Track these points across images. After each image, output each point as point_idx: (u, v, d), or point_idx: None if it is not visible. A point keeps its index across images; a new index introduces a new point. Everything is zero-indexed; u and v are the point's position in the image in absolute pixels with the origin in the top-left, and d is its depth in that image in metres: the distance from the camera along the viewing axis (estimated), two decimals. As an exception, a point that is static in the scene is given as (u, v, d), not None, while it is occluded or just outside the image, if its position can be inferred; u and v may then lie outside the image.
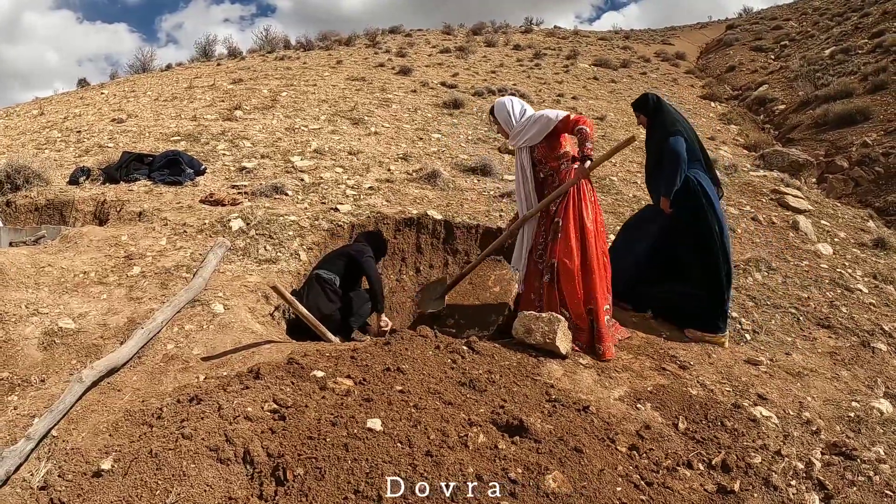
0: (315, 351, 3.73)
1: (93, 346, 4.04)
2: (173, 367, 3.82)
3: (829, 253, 7.06)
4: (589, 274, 4.31)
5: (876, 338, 5.10)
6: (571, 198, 4.39)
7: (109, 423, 3.23)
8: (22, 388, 3.60)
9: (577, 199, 4.39)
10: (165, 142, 9.18)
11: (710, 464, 3.25)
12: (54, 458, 2.95)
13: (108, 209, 6.73)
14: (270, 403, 2.85)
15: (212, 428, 2.68)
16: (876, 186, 10.67)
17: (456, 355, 3.69)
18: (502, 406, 3.12)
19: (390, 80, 15.72)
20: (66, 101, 15.21)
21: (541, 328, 4.04)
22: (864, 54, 17.76)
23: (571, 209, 4.37)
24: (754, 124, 16.15)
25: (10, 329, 4.03)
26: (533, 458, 2.71)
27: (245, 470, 2.51)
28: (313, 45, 24.00)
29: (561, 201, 4.40)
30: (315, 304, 4.82)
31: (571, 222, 4.34)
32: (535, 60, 22.52)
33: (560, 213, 4.37)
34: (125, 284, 4.89)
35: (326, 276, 5.05)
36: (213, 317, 4.46)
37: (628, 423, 3.47)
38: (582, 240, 4.32)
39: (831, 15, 25.93)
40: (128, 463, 2.66)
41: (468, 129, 11.16)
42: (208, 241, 5.75)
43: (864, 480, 3.34)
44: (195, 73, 17.84)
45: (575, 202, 4.38)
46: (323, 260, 5.35)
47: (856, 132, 12.50)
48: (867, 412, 4.03)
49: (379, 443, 2.60)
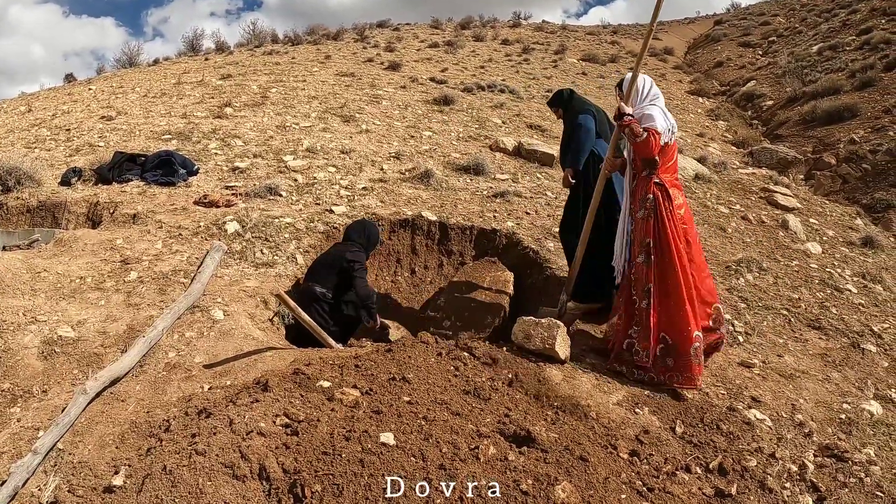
0: (318, 359, 3.75)
1: (94, 354, 4.01)
2: (176, 377, 3.82)
3: (819, 252, 7.16)
4: (673, 298, 4.06)
5: (865, 339, 5.19)
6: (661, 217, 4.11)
7: (115, 435, 3.23)
8: (24, 400, 3.58)
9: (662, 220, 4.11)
10: (157, 140, 9.13)
11: (708, 467, 3.31)
12: (61, 472, 2.95)
13: (102, 211, 6.68)
14: (282, 418, 2.88)
15: (225, 443, 2.70)
16: (863, 183, 10.77)
17: (458, 362, 3.73)
18: (507, 415, 3.18)
19: (380, 76, 15.70)
20: (54, 97, 15.06)
21: (540, 333, 4.08)
22: (851, 51, 17.91)
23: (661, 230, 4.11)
24: (742, 120, 16.28)
25: (8, 338, 4.00)
26: (542, 468, 2.77)
27: (262, 486, 2.53)
28: (301, 40, 23.93)
29: (652, 220, 4.12)
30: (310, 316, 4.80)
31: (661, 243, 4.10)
32: (524, 55, 22.60)
33: (650, 233, 4.11)
34: (123, 290, 4.87)
35: (320, 291, 5.06)
36: (214, 323, 4.47)
37: (628, 427, 3.53)
38: (668, 262, 4.07)
39: (819, 11, 26.13)
40: (141, 479, 2.66)
41: (459, 127, 11.18)
42: (204, 245, 5.75)
43: (855, 482, 3.42)
44: (183, 69, 17.71)
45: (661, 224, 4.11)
46: (314, 270, 5.31)
47: (843, 129, 12.62)
48: (858, 414, 4.12)
49: (394, 457, 2.64)
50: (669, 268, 4.04)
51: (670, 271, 4.03)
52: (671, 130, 4.17)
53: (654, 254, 4.07)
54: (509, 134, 10.80)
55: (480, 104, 13.23)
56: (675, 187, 4.19)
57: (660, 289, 4.06)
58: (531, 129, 11.62)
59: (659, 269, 4.06)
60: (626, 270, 4.39)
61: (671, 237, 4.05)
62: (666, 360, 4.03)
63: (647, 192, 4.12)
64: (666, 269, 4.05)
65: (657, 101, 4.27)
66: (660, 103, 4.27)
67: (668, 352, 4.03)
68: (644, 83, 4.34)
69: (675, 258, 4.02)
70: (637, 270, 4.19)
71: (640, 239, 4.16)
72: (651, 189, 4.11)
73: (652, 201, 4.09)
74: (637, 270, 4.19)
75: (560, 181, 8.35)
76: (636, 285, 4.21)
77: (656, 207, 4.08)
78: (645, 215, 4.12)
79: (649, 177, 4.14)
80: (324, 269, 5.20)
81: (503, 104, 13.39)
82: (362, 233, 5.43)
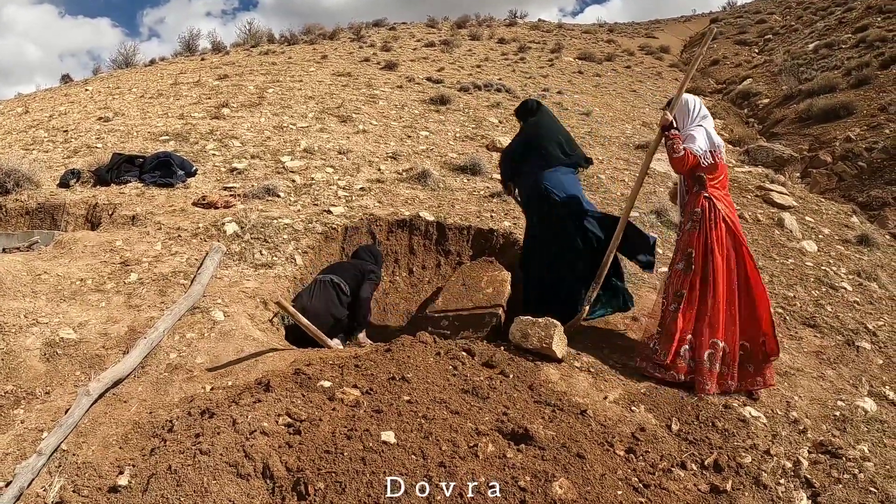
0: (318, 359, 3.80)
1: (95, 356, 4.04)
2: (178, 377, 3.86)
3: (814, 250, 7.20)
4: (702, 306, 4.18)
5: (860, 336, 5.24)
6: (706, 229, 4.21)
7: (119, 435, 3.26)
8: (27, 402, 3.60)
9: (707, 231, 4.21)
10: (154, 141, 9.16)
11: (703, 464, 3.36)
12: (66, 473, 2.98)
13: (101, 213, 6.72)
14: (284, 417, 2.92)
15: (229, 443, 2.74)
16: (859, 181, 10.82)
17: (457, 361, 3.78)
18: (506, 413, 3.22)
19: (376, 76, 15.75)
20: (51, 98, 15.08)
21: (537, 333, 4.13)
22: (847, 49, 17.97)
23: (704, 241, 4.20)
24: (738, 118, 16.33)
25: (10, 340, 4.02)
26: (539, 465, 2.81)
27: (265, 485, 2.57)
28: (298, 39, 23.98)
29: (696, 232, 4.22)
30: (325, 305, 5.14)
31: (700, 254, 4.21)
32: (520, 54, 22.65)
33: (692, 243, 4.23)
34: (123, 292, 4.90)
35: (338, 280, 5.34)
36: (214, 324, 4.50)
37: (624, 425, 3.57)
38: (706, 272, 4.17)
39: (815, 9, 26.21)
40: (146, 479, 2.70)
41: (455, 127, 11.22)
42: (203, 246, 5.78)
43: (849, 478, 3.46)
44: (180, 69, 17.74)
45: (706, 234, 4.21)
46: (332, 269, 5.61)
47: (839, 127, 12.66)
48: (852, 411, 4.16)
49: (394, 455, 2.69)
50: (706, 277, 4.16)
51: (706, 280, 4.16)
52: (713, 151, 4.24)
53: (694, 263, 4.18)
54: (506, 133, 10.83)
55: (477, 104, 13.28)
56: (723, 202, 4.28)
57: (691, 295, 4.18)
58: (528, 128, 11.62)
59: (695, 278, 4.18)
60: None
61: (714, 248, 4.16)
62: (689, 361, 4.16)
63: (696, 206, 4.24)
64: (702, 278, 4.17)
65: (705, 121, 4.36)
66: (707, 124, 4.36)
67: (693, 354, 4.16)
68: (694, 104, 4.43)
69: (713, 269, 4.14)
70: (673, 276, 4.34)
71: (683, 248, 4.28)
72: (700, 203, 4.23)
73: (699, 214, 4.21)
74: (673, 276, 4.34)
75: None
76: (668, 289, 4.35)
77: (702, 219, 4.20)
78: (691, 227, 4.25)
79: (699, 192, 4.25)
80: (341, 269, 5.55)
81: (500, 103, 13.44)
82: (371, 253, 5.87)
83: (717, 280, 4.13)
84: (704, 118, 4.39)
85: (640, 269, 5.32)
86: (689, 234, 4.25)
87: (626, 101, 16.20)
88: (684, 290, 4.19)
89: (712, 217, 4.19)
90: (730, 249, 4.20)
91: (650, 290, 5.61)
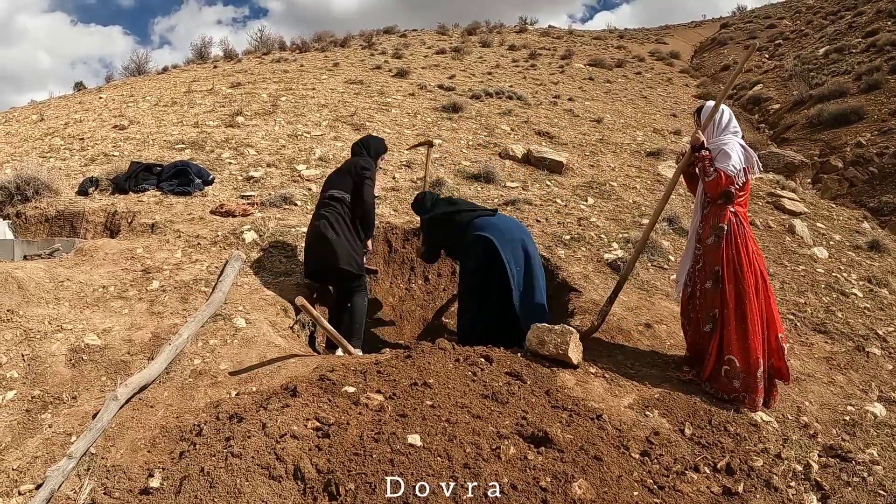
0: (341, 365, 3.90)
1: (121, 362, 4.09)
2: (203, 383, 3.94)
3: (825, 257, 7.27)
4: (741, 323, 4.16)
5: (870, 342, 5.31)
6: (736, 245, 4.19)
7: (147, 439, 3.33)
8: (55, 406, 3.65)
9: (736, 247, 4.19)
10: (170, 150, 9.29)
11: (716, 467, 3.45)
12: (95, 475, 3.05)
13: (120, 221, 6.82)
14: (313, 421, 3.03)
15: (260, 446, 2.84)
16: (870, 186, 10.88)
17: (475, 367, 3.88)
18: (525, 417, 3.32)
19: (388, 84, 15.85)
20: (65, 105, 15.19)
21: (553, 340, 4.22)
22: (857, 53, 18.01)
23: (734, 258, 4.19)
24: (749, 124, 16.38)
25: (36, 346, 4.08)
26: (559, 467, 2.92)
27: (297, 486, 2.68)
28: (309, 47, 24.10)
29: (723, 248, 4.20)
30: (330, 226, 5.28)
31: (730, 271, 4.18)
32: (531, 61, 22.74)
33: (720, 261, 4.20)
34: (145, 299, 4.99)
35: (339, 194, 5.46)
36: (236, 331, 4.60)
37: (639, 429, 3.66)
38: (738, 289, 4.15)
39: (825, 13, 26.21)
40: (178, 480, 2.79)
41: (468, 134, 11.30)
42: (223, 254, 5.90)
43: (858, 481, 3.54)
44: (192, 77, 17.88)
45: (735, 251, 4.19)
46: (330, 181, 5.70)
47: (850, 132, 12.71)
48: (862, 415, 4.24)
49: (421, 457, 2.80)
50: (738, 294, 4.14)
51: (739, 298, 4.14)
52: (746, 170, 4.19)
53: (723, 281, 4.16)
54: (518, 141, 10.93)
55: (489, 111, 13.37)
56: (745, 218, 4.29)
57: (725, 315, 4.16)
58: (539, 135, 11.74)
59: (728, 296, 4.15)
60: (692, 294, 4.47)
61: (744, 265, 4.15)
62: (732, 381, 4.14)
63: (721, 220, 4.19)
64: (735, 296, 4.15)
65: (737, 134, 4.33)
66: (739, 137, 4.31)
67: (734, 374, 4.13)
68: (722, 114, 4.37)
69: (745, 286, 4.13)
70: (703, 296, 4.30)
71: (710, 265, 4.24)
72: (726, 218, 4.19)
73: (725, 230, 4.17)
74: (703, 296, 4.30)
75: (569, 188, 8.50)
76: (701, 310, 4.33)
77: (729, 235, 4.17)
78: (715, 243, 4.20)
79: (724, 205, 4.22)
80: (338, 178, 5.63)
81: (511, 111, 13.52)
82: (365, 145, 5.90)
83: (751, 298, 4.12)
84: (736, 131, 4.34)
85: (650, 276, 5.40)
86: (714, 250, 4.21)
87: (637, 108, 16.27)
88: (717, 310, 4.20)
89: (741, 233, 4.18)
90: (760, 268, 4.22)
91: (663, 297, 5.70)
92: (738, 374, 4.11)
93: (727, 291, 4.14)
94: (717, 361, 4.20)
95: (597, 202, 8.22)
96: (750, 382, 4.10)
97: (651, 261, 6.53)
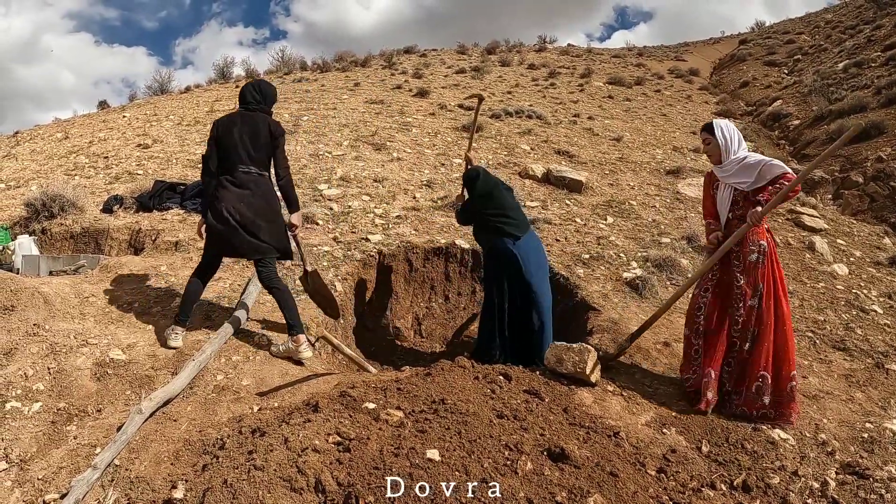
0: (361, 382, 3.99)
1: (145, 376, 4.17)
2: (225, 398, 4.03)
3: (845, 273, 7.26)
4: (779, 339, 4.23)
5: (890, 359, 5.30)
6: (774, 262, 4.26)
7: (170, 452, 3.44)
8: (80, 419, 3.74)
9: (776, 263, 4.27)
10: (193, 168, 9.46)
11: (732, 484, 3.48)
12: (119, 487, 3.14)
13: (144, 238, 6.97)
14: (334, 436, 3.12)
15: (282, 459, 2.93)
16: (891, 202, 10.77)
17: (494, 385, 3.95)
18: (542, 434, 3.38)
19: (409, 103, 16.01)
20: (89, 123, 15.49)
21: (571, 358, 4.29)
22: (877, 67, 17.88)
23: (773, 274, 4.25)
24: (769, 140, 16.31)
25: (61, 360, 4.16)
26: (575, 482, 2.98)
27: (318, 498, 2.76)
28: (330, 67, 24.41)
29: (766, 265, 4.23)
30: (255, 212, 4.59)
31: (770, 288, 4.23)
32: (550, 80, 22.85)
33: (761, 278, 4.21)
34: (169, 315, 5.06)
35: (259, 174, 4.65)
36: (259, 348, 4.72)
37: (655, 446, 3.71)
38: (778, 305, 4.22)
39: (843, 28, 26.10)
40: (201, 492, 2.88)
41: (488, 154, 11.40)
42: (245, 272, 6.01)
43: (876, 498, 3.54)
44: (215, 96, 18.17)
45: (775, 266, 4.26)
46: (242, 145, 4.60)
47: (870, 147, 12.60)
48: (880, 433, 4.24)
49: (439, 471, 2.87)
50: (778, 310, 4.21)
51: (779, 314, 4.21)
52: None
53: (765, 298, 4.20)
54: (538, 160, 11.01)
55: (509, 130, 13.46)
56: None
57: (765, 332, 4.19)
58: (559, 154, 11.81)
59: (768, 314, 4.19)
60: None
61: (780, 281, 4.23)
62: (762, 397, 4.18)
63: (760, 237, 4.22)
64: (774, 312, 4.20)
65: (744, 143, 4.41)
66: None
67: (764, 390, 4.17)
68: (732, 135, 4.38)
69: (783, 302, 4.22)
70: (746, 314, 4.26)
71: (753, 283, 4.23)
72: (763, 235, 4.23)
73: (765, 247, 4.21)
74: (746, 314, 4.26)
75: (588, 207, 8.55)
76: (742, 327, 4.28)
77: (768, 252, 4.22)
78: (757, 259, 4.20)
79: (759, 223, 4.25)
80: (253, 146, 4.62)
81: (531, 130, 13.62)
82: (259, 93, 4.89)
83: (786, 315, 4.21)
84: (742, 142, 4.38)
85: (668, 295, 5.43)
86: (756, 268, 4.22)
87: (657, 126, 16.29)
88: (755, 328, 4.23)
89: (776, 249, 4.27)
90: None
91: (680, 315, 5.72)
92: (768, 390, 4.16)
93: (767, 308, 4.19)
94: (752, 378, 4.21)
95: (616, 221, 8.27)
96: (782, 398, 4.15)
97: (670, 279, 6.57)
